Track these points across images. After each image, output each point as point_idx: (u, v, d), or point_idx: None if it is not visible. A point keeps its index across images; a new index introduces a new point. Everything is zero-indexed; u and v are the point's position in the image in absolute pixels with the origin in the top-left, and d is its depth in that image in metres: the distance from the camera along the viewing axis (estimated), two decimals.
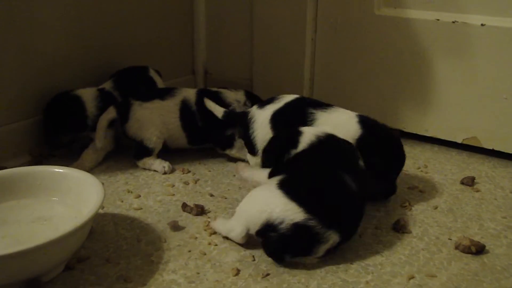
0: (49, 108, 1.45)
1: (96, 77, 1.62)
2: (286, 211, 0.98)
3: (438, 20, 1.53)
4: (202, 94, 1.49)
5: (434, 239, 1.13)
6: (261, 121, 1.32)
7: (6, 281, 0.89)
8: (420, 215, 1.23)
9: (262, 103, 1.37)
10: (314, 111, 1.27)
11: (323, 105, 1.29)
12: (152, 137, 1.43)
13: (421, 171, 1.47)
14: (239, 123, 1.41)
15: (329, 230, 0.98)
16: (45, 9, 1.48)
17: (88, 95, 1.49)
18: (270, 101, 1.35)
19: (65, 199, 1.10)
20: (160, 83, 1.65)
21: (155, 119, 1.44)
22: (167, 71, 1.90)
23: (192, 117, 1.47)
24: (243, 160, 1.46)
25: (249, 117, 1.35)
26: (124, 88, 1.55)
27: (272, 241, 0.99)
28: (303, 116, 1.27)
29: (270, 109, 1.32)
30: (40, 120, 1.48)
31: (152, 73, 1.65)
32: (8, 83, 1.42)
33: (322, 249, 0.99)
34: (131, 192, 1.31)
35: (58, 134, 1.47)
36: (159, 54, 1.89)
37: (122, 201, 1.27)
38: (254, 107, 1.37)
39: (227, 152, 1.50)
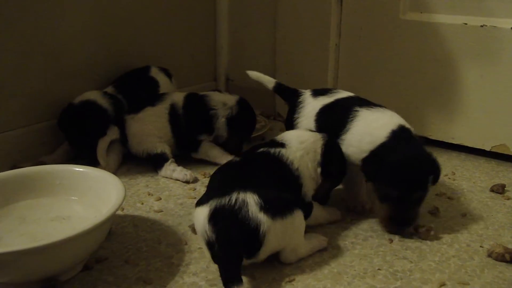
0: (84, 117, 1.42)
1: None
2: (198, 221, 0.94)
3: (465, 24, 1.49)
4: (190, 98, 1.48)
5: (464, 246, 1.08)
6: (309, 110, 1.29)
7: (24, 279, 0.87)
8: (449, 221, 1.18)
9: (316, 92, 1.32)
10: (359, 109, 1.19)
11: (371, 104, 1.22)
12: (155, 143, 1.42)
13: (449, 178, 1.42)
14: (287, 100, 1.38)
15: (234, 192, 0.92)
16: (69, 16, 1.49)
17: (100, 98, 1.48)
18: (324, 92, 1.31)
19: (85, 198, 1.09)
20: (165, 83, 1.63)
21: (149, 128, 1.42)
22: (189, 77, 1.90)
23: (179, 121, 1.45)
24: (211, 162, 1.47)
25: (299, 99, 1.32)
26: (126, 91, 1.55)
27: (216, 253, 0.90)
28: (345, 114, 1.20)
29: (321, 101, 1.28)
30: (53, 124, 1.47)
31: (154, 73, 1.63)
32: (30, 86, 1.43)
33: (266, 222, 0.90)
34: (152, 195, 1.29)
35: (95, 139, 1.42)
36: (182, 60, 1.88)
37: (142, 203, 1.25)
38: (308, 92, 1.33)
39: (193, 155, 1.47)
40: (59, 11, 1.46)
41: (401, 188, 1.07)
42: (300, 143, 1.10)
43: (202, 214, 0.92)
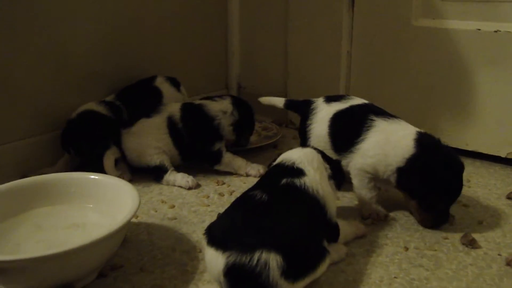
0: (85, 127, 1.42)
1: None
2: (210, 263, 0.87)
3: (479, 30, 1.48)
4: (186, 109, 1.46)
5: (482, 254, 1.07)
6: (322, 116, 1.29)
7: (41, 285, 0.87)
8: (465, 229, 1.17)
9: (329, 98, 1.33)
10: (375, 118, 1.20)
11: (387, 115, 1.22)
12: (153, 156, 1.40)
13: (464, 185, 1.40)
14: (299, 111, 1.38)
15: (257, 251, 0.82)
16: (79, 27, 1.50)
17: (95, 106, 1.48)
18: (338, 98, 1.31)
19: (100, 206, 1.09)
20: (170, 92, 1.61)
21: (145, 140, 1.41)
22: (201, 85, 1.90)
23: (180, 133, 1.43)
24: (232, 174, 1.46)
25: (311, 107, 1.32)
26: (127, 99, 1.55)
27: None
28: (361, 121, 1.21)
29: (335, 107, 1.28)
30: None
31: (159, 83, 1.61)
32: (40, 97, 1.44)
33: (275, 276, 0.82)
34: (165, 202, 1.29)
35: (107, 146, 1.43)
36: (193, 68, 1.89)
37: (156, 211, 1.25)
38: (320, 99, 1.34)
39: (216, 167, 1.46)
40: (70, 23, 1.47)
41: (455, 194, 1.15)
42: (311, 164, 1.03)
43: (217, 262, 0.84)
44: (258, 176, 1.42)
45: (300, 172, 1.00)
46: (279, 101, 1.45)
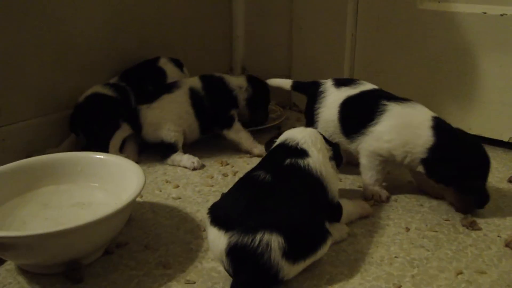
0: (93, 110, 1.44)
1: None
2: (212, 242, 0.88)
3: (485, 13, 1.48)
4: (207, 79, 1.51)
5: (482, 235, 1.08)
6: (332, 101, 1.28)
7: (49, 261, 0.90)
8: None
9: (338, 82, 1.31)
10: (387, 102, 1.19)
11: (399, 99, 1.22)
12: (170, 132, 1.42)
13: None
14: (307, 93, 1.38)
15: (259, 232, 0.84)
16: (82, 9, 1.50)
17: (101, 88, 1.50)
18: (347, 83, 1.30)
19: (106, 185, 1.10)
20: (173, 73, 1.63)
21: (167, 115, 1.42)
22: (205, 67, 1.89)
23: (202, 102, 1.47)
24: (237, 143, 1.49)
25: (320, 89, 1.32)
26: (132, 80, 1.56)
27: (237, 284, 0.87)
28: (373, 107, 1.20)
29: (345, 92, 1.27)
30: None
31: (163, 63, 1.63)
32: (43, 78, 1.45)
33: (276, 256, 0.84)
34: (170, 182, 1.31)
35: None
36: (198, 51, 1.89)
37: (160, 191, 1.26)
38: (329, 82, 1.33)
39: (224, 132, 1.49)
40: (73, 4, 1.47)
41: (487, 166, 1.15)
42: (314, 145, 1.03)
43: (219, 241, 0.86)
44: (261, 156, 1.43)
45: (304, 153, 1.00)
46: (286, 83, 1.45)
